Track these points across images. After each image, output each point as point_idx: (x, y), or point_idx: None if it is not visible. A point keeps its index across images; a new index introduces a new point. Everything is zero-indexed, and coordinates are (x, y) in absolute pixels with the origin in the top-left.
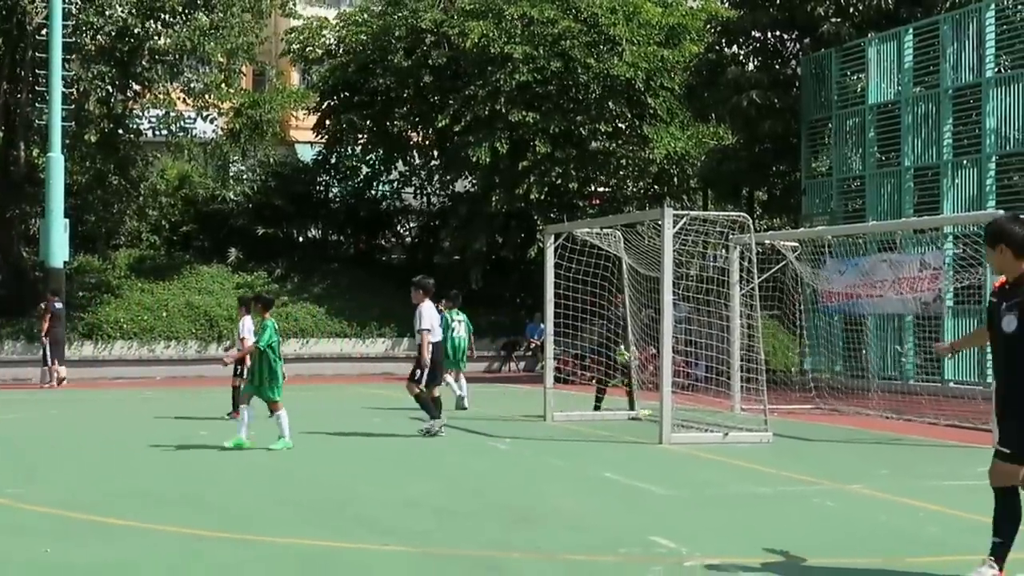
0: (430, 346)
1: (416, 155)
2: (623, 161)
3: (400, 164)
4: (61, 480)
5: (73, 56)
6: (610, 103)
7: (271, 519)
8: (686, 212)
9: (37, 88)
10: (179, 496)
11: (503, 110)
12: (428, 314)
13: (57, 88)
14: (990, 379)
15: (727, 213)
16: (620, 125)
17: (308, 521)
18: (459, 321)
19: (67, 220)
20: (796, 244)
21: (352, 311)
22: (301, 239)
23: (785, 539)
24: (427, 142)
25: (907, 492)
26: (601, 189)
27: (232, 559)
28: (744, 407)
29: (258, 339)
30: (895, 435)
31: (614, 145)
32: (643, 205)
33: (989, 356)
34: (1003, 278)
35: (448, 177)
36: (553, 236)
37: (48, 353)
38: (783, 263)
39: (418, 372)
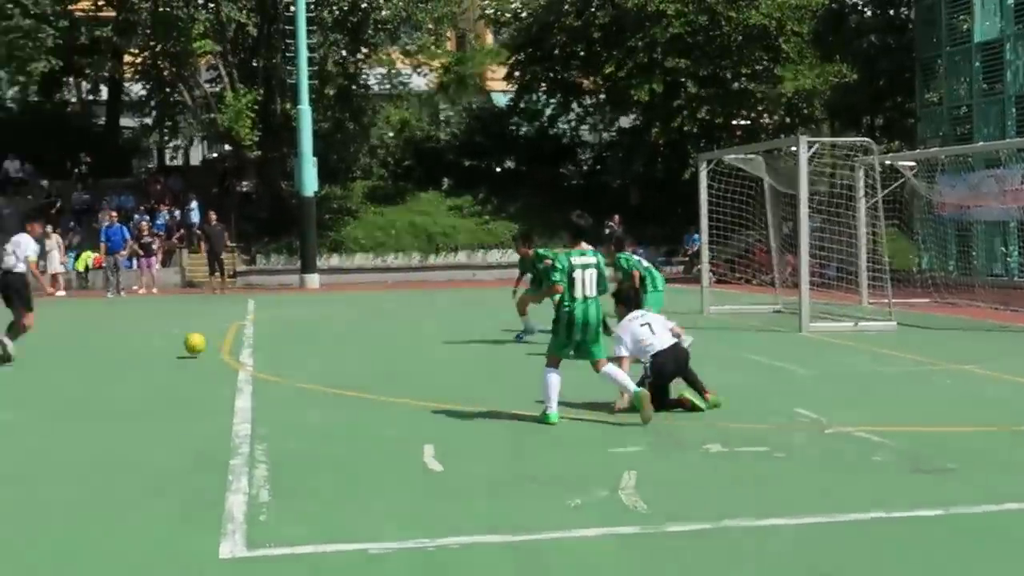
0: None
1: (588, 97)
2: (759, 96)
3: (575, 106)
4: (321, 363)
5: (314, 27)
6: (748, 49)
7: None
8: (818, 139)
9: (287, 54)
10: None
11: (659, 58)
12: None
13: (303, 53)
14: None
15: (853, 139)
16: (757, 67)
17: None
18: None
19: (315, 158)
20: (913, 164)
21: (542, 226)
22: (499, 169)
23: (910, 410)
24: (596, 86)
25: (1016, 371)
26: (742, 122)
27: (453, 426)
28: (871, 301)
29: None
30: (1003, 324)
31: (752, 84)
32: (776, 135)
33: None
34: None
35: (613, 115)
36: (705, 162)
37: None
38: (902, 180)
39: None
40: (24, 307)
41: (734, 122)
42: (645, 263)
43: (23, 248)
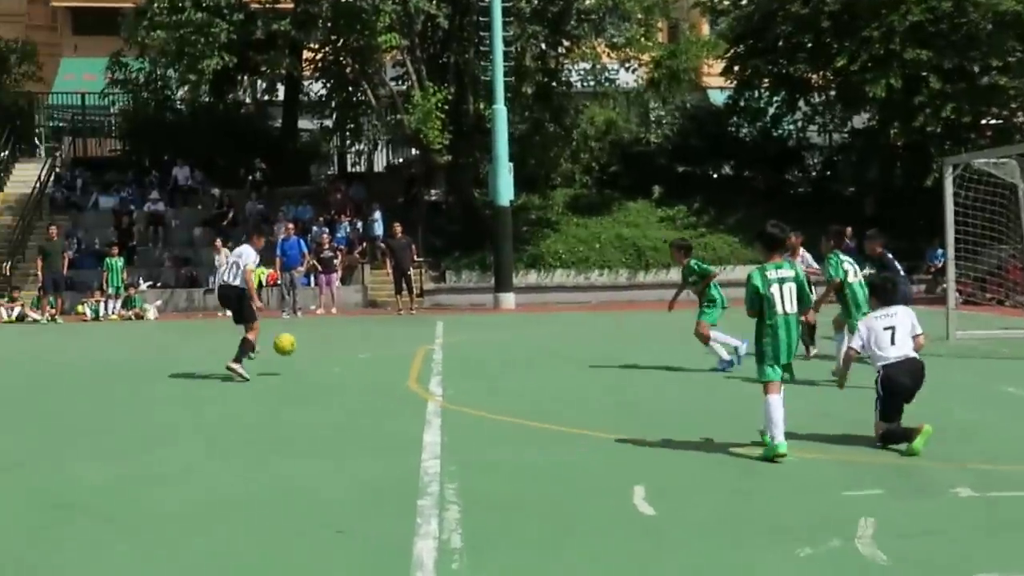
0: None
1: (816, 95)
2: (1013, 92)
3: (802, 104)
4: (517, 393)
5: (511, 18)
6: (1000, 38)
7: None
8: None
9: (481, 48)
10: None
11: (897, 49)
12: None
13: (498, 47)
14: None
15: None
16: (1010, 59)
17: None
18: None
19: (511, 164)
20: None
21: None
22: (715, 176)
23: None
24: (825, 82)
25: None
26: (992, 121)
27: (666, 464)
28: None
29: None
30: None
31: (1005, 78)
32: None
33: None
34: None
35: (845, 114)
36: (951, 167)
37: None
38: None
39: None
40: (245, 321)
41: (984, 121)
42: (853, 277)
43: (244, 259)
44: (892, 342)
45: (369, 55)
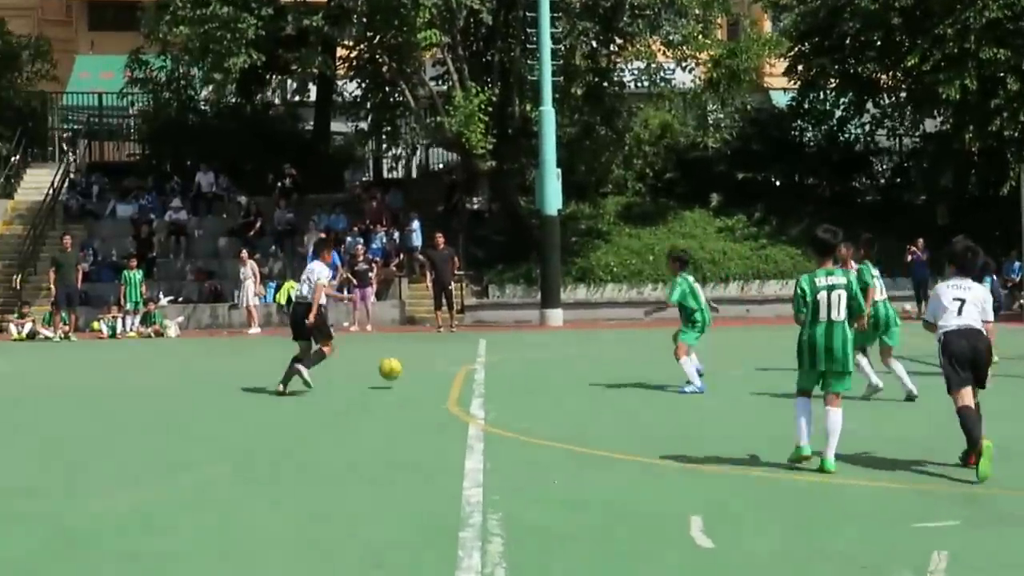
0: None
1: (886, 96)
2: None
3: (870, 106)
4: (564, 416)
5: (559, 14)
6: None
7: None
8: None
9: (527, 46)
10: (673, 433)
11: (973, 47)
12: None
13: (546, 45)
14: None
15: None
16: None
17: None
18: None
19: (559, 170)
20: None
21: None
22: (778, 183)
23: None
24: (895, 83)
25: None
26: None
27: (723, 492)
28: None
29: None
30: None
31: None
32: None
33: None
34: None
35: (916, 116)
36: None
37: None
38: None
39: None
40: (319, 340)
41: None
42: (880, 295)
43: (316, 275)
44: (959, 313)
45: (407, 53)
